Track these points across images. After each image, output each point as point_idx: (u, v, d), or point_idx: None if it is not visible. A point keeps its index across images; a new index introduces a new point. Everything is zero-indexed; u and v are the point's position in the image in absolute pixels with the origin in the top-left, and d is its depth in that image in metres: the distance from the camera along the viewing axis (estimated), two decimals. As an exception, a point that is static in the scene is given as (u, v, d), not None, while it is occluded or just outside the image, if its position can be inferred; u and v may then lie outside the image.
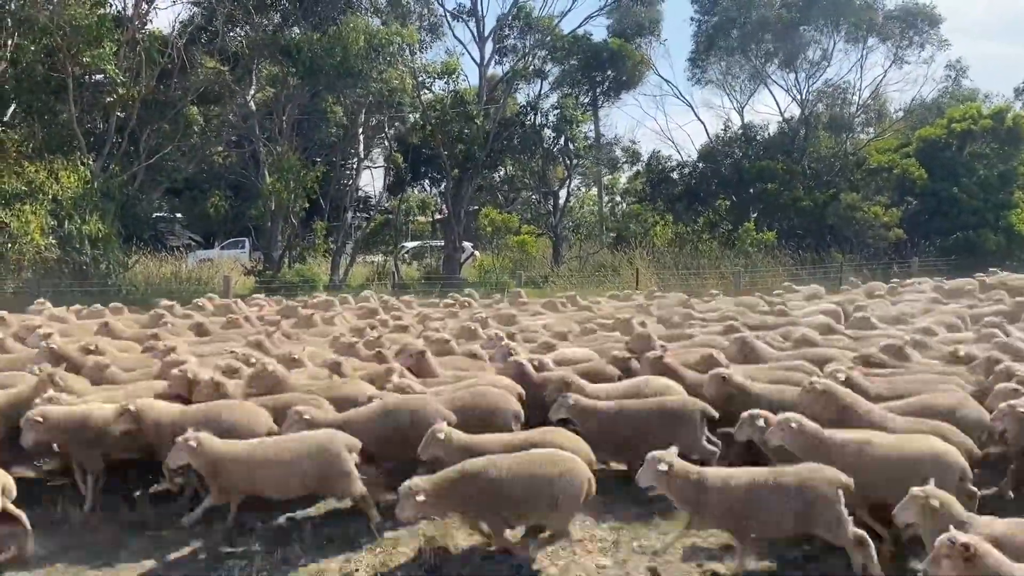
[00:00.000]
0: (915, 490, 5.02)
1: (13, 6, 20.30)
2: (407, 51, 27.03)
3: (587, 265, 29.46)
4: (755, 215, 33.34)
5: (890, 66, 35.15)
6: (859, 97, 36.61)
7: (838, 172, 33.93)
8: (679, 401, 7.44)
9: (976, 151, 31.16)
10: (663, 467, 5.64)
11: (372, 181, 40.51)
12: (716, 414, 7.20)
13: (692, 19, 36.54)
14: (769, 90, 37.65)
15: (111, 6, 22.80)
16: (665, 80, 55.59)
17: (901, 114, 38.64)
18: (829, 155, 35.32)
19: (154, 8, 23.77)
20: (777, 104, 47.13)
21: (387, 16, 27.79)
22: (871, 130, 38.58)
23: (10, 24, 20.89)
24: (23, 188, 18.99)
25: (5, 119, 21.99)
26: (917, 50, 34.58)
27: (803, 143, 35.35)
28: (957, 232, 29.25)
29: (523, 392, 7.85)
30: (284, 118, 26.60)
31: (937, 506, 4.90)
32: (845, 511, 5.47)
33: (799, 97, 35.98)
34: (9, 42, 20.93)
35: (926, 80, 46.79)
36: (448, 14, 31.08)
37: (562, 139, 31.89)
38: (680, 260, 28.00)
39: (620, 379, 8.51)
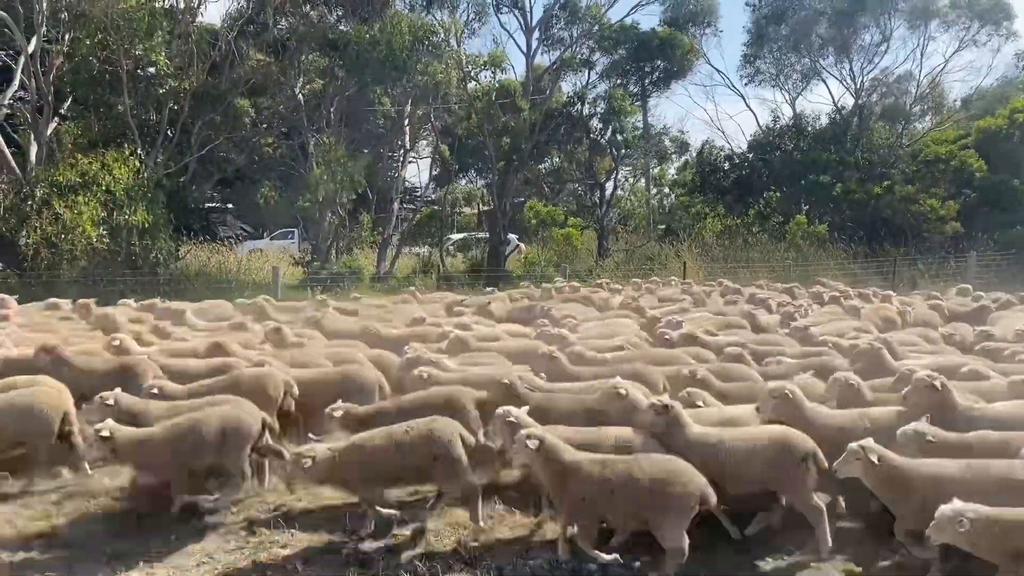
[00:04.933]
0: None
1: (68, 1, 20.72)
2: (453, 42, 27.04)
3: (633, 257, 29.21)
4: (807, 207, 32.73)
5: (953, 54, 34.23)
6: (917, 87, 35.65)
7: (893, 164, 33.08)
8: None
9: (1040, 142, 30.12)
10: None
11: (418, 172, 40.71)
12: None
13: (747, 4, 36.10)
14: (824, 82, 36.91)
15: (163, 0, 23.23)
16: (716, 70, 54.84)
17: (960, 104, 37.53)
18: (884, 146, 34.47)
19: (204, 2, 24.10)
20: (831, 94, 46.13)
21: (433, 4, 27.89)
22: (928, 120, 37.54)
23: (66, 19, 21.37)
24: (77, 180, 19.44)
25: (62, 112, 22.52)
26: (984, 38, 33.61)
27: (857, 133, 34.55)
28: (1017, 226, 28.32)
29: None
30: (332, 110, 26.82)
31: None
32: None
33: (853, 87, 35.19)
34: (66, 36, 21.41)
35: (990, 70, 45.25)
36: (495, 4, 30.98)
37: (609, 130, 31.63)
38: (730, 253, 27.61)
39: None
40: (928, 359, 8.84)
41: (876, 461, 5.51)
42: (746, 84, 37.68)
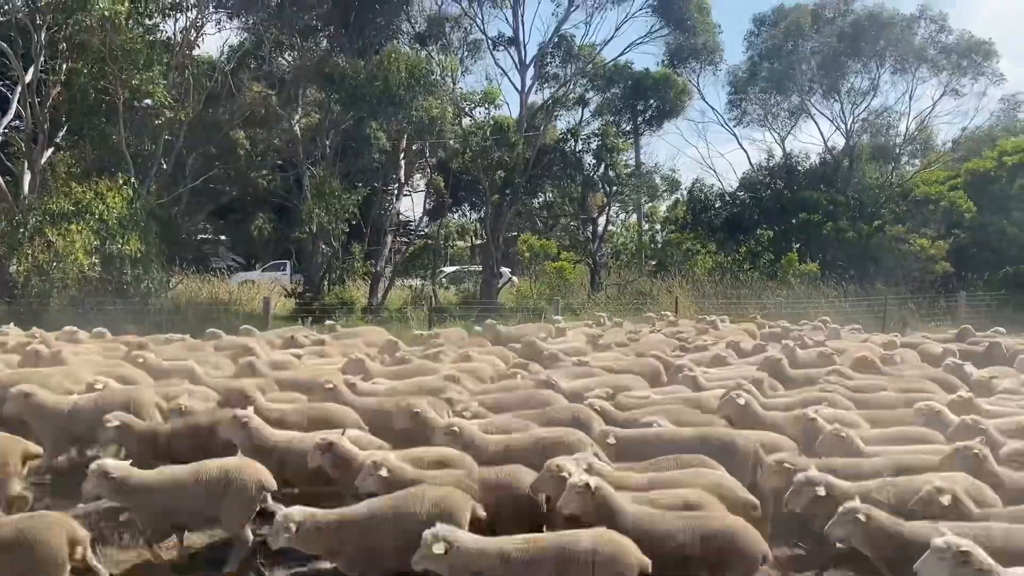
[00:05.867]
0: None
1: (68, 31, 20.84)
2: (448, 80, 27.27)
3: (626, 292, 29.26)
4: (798, 246, 32.93)
5: (940, 98, 34.75)
6: (906, 127, 36.14)
7: (883, 203, 33.39)
8: None
9: (1027, 184, 30.39)
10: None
11: (412, 206, 40.88)
12: None
13: (747, 38, 37.07)
14: (814, 120, 37.44)
15: (161, 32, 23.40)
16: (711, 107, 55.16)
17: (949, 145, 38.01)
18: (874, 186, 34.84)
19: (202, 34, 24.29)
20: (821, 133, 46.58)
21: (429, 41, 28.18)
22: (917, 161, 38.01)
23: (65, 49, 21.48)
24: (71, 208, 19.41)
25: (57, 141, 22.55)
26: (970, 83, 34.15)
27: (847, 173, 34.92)
28: (1007, 267, 28.53)
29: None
30: (328, 143, 26.95)
31: None
32: None
33: (844, 127, 35.63)
34: (64, 66, 21.52)
35: (977, 112, 45.84)
36: (490, 42, 31.31)
37: (602, 167, 31.87)
38: (720, 290, 27.69)
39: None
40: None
41: None
42: (735, 126, 38.28)
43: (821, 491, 5.99)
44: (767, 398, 9.31)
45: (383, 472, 6.15)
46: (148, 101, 22.65)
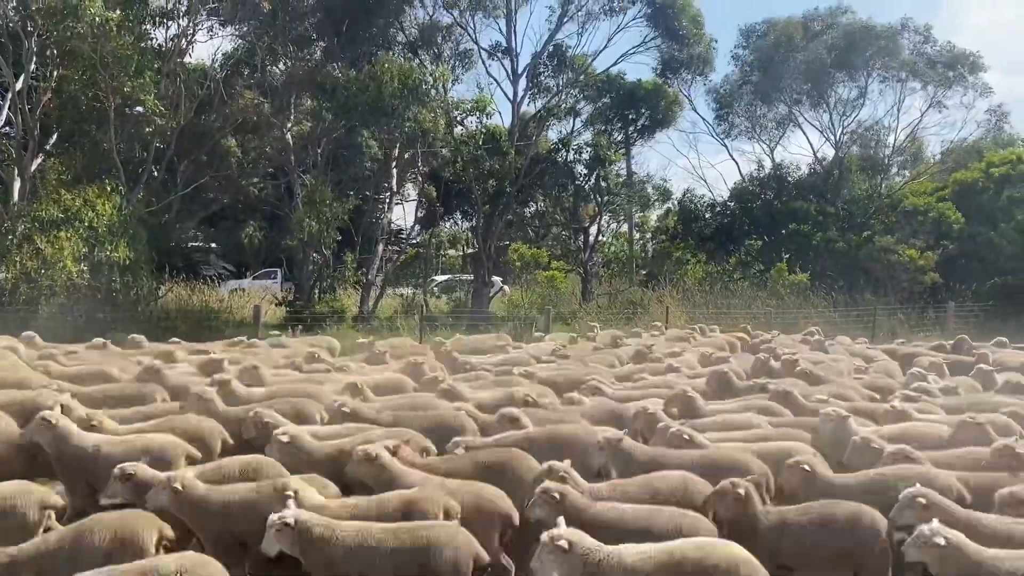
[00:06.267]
0: None
1: (59, 38, 20.78)
2: (440, 88, 27.31)
3: (616, 302, 29.30)
4: (787, 256, 33.06)
5: (927, 109, 35.00)
6: (895, 139, 36.37)
7: (872, 214, 33.58)
8: None
9: (1015, 195, 30.59)
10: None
11: (404, 215, 40.85)
12: None
13: (733, 51, 37.38)
14: (803, 131, 37.65)
15: (153, 39, 23.36)
16: (702, 118, 55.16)
17: (938, 157, 38.26)
18: (863, 197, 35.04)
19: (193, 42, 24.28)
20: (811, 145, 46.71)
21: (421, 51, 28.23)
22: (906, 172, 38.24)
23: (55, 55, 21.43)
24: (60, 215, 19.32)
25: (48, 148, 22.47)
26: (958, 95, 34.39)
27: (837, 184, 35.11)
28: (995, 277, 28.70)
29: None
30: (319, 151, 26.94)
31: None
32: None
33: (833, 138, 35.85)
34: (54, 73, 21.46)
35: (965, 124, 46.10)
36: (482, 52, 31.39)
37: (594, 176, 31.93)
38: (711, 299, 27.76)
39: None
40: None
41: None
42: (724, 138, 38.50)
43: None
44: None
45: (176, 486, 5.99)
46: (139, 108, 22.54)
